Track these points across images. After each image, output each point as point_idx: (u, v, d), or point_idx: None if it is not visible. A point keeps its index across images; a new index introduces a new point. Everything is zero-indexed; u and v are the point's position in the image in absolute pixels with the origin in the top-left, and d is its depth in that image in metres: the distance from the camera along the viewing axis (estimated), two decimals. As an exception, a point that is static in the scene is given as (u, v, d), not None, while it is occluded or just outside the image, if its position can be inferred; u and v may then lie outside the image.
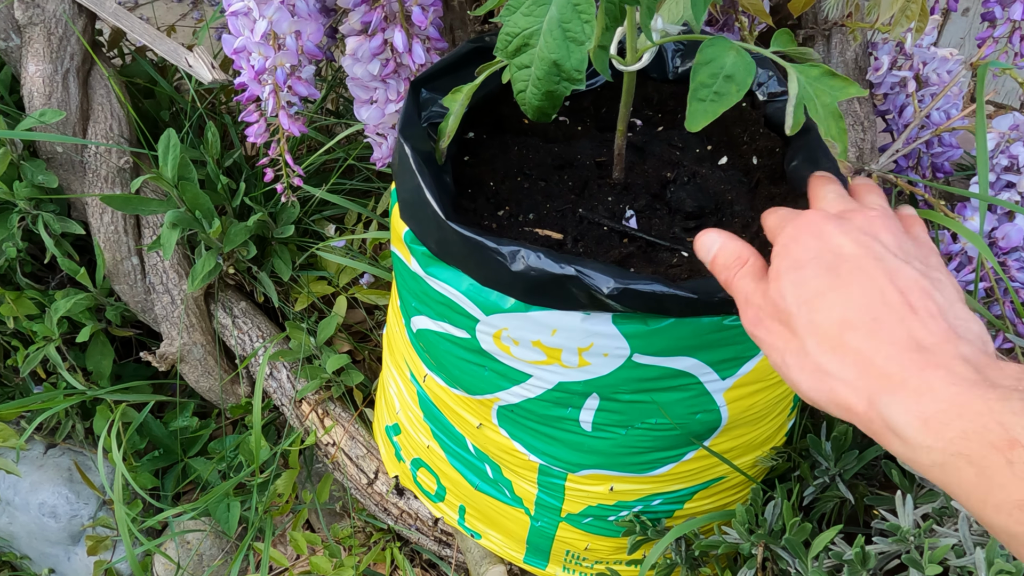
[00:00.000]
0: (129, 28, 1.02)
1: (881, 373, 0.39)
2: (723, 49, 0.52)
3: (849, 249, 0.44)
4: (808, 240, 0.45)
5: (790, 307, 0.44)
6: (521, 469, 0.75)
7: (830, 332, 0.42)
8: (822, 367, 0.42)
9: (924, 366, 0.39)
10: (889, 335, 0.40)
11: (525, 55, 0.52)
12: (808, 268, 0.44)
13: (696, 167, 0.71)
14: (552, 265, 0.56)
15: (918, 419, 0.37)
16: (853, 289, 0.42)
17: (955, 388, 0.37)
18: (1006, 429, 0.35)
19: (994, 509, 0.35)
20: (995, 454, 0.35)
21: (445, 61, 0.69)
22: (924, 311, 0.41)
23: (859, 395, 0.40)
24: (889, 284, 0.42)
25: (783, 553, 0.68)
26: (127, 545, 0.96)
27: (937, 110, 0.95)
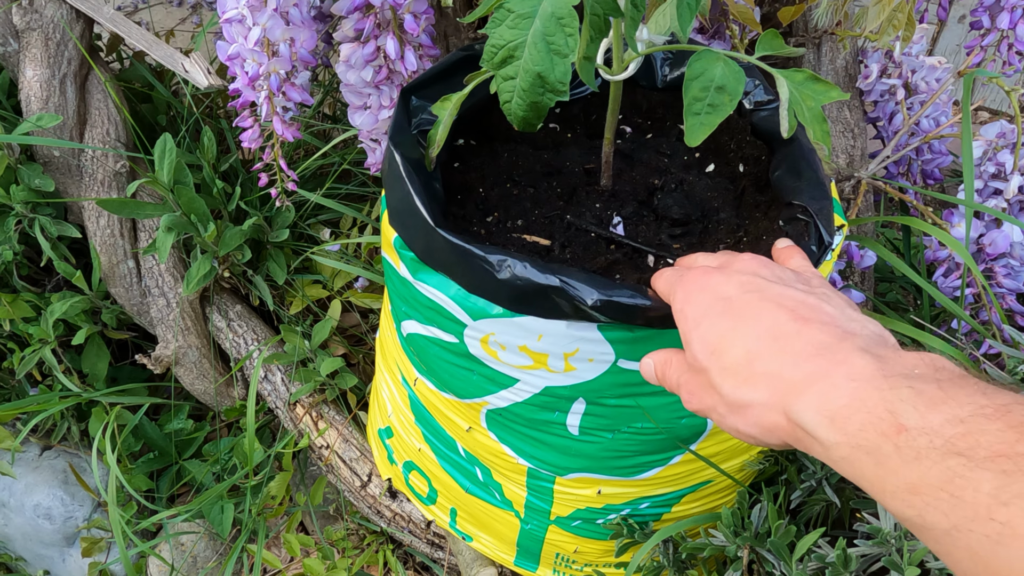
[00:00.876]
0: (126, 34, 1.03)
1: (790, 384, 0.41)
2: (711, 61, 0.53)
3: (734, 292, 0.47)
4: (698, 297, 0.48)
5: (703, 364, 0.46)
6: (510, 472, 0.76)
7: (740, 369, 0.44)
8: (743, 402, 0.43)
9: (827, 367, 0.40)
10: (790, 349, 0.42)
11: (510, 67, 0.53)
12: (705, 322, 0.47)
13: (683, 174, 0.72)
14: (537, 275, 0.56)
15: (826, 417, 0.39)
16: (748, 324, 0.45)
17: (855, 383, 0.38)
18: (895, 416, 0.36)
19: (890, 496, 0.35)
20: (886, 441, 0.36)
21: (435, 69, 0.70)
22: (816, 321, 0.44)
23: (777, 411, 0.41)
24: (778, 308, 0.45)
25: (768, 556, 0.69)
26: (121, 547, 0.96)
27: (926, 117, 0.96)
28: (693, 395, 0.48)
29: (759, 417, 0.42)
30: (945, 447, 0.34)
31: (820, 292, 0.47)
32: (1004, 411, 0.34)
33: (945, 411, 0.35)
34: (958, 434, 0.34)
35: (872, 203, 1.00)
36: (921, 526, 0.34)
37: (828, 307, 0.45)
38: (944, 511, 0.33)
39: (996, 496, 0.31)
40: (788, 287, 0.47)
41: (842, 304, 0.46)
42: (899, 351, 0.41)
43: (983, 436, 0.33)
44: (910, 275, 0.78)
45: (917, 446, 0.35)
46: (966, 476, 0.33)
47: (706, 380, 0.46)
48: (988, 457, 0.32)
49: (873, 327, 0.44)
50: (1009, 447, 0.32)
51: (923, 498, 0.34)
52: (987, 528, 0.31)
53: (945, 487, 0.33)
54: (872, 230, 1.01)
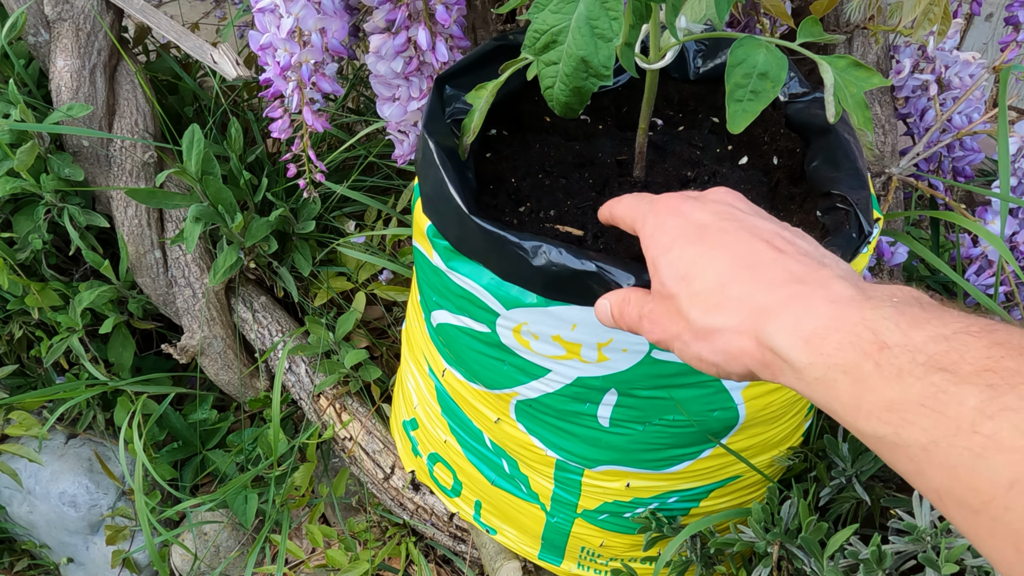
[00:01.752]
0: (155, 24, 1.03)
1: (763, 308, 0.40)
2: (753, 48, 0.52)
3: (709, 219, 0.46)
4: (670, 221, 0.47)
5: (671, 289, 0.44)
6: (538, 464, 0.76)
7: (711, 294, 0.42)
8: (710, 327, 0.42)
9: (803, 291, 0.39)
10: (765, 275, 0.41)
11: (553, 52, 0.53)
12: (676, 247, 0.45)
13: (716, 166, 0.71)
14: (573, 261, 0.56)
15: (800, 339, 0.38)
16: (722, 250, 0.43)
17: (833, 305, 0.38)
18: (876, 334, 0.35)
19: (865, 416, 0.35)
20: (865, 359, 0.35)
21: (469, 59, 0.70)
22: (793, 251, 0.43)
23: (747, 335, 0.40)
24: (753, 237, 0.44)
25: (799, 552, 0.68)
26: (147, 535, 0.97)
27: (959, 114, 0.95)
28: (656, 324, 0.46)
29: (726, 343, 0.41)
30: (928, 363, 0.33)
31: (794, 230, 0.47)
32: (989, 329, 0.34)
33: (929, 329, 0.34)
34: (942, 351, 0.33)
35: (902, 200, 0.99)
36: (895, 444, 0.33)
37: (803, 242, 0.45)
38: (924, 426, 0.32)
39: (982, 410, 0.31)
40: (765, 219, 0.47)
41: (815, 243, 0.46)
42: (874, 284, 0.41)
43: (968, 352, 0.33)
44: (945, 270, 0.78)
45: (899, 363, 0.34)
46: (950, 391, 0.32)
47: (673, 307, 0.44)
48: (974, 372, 0.32)
49: (846, 266, 0.44)
50: (995, 362, 0.32)
51: (902, 415, 0.33)
52: (970, 441, 0.31)
53: (927, 402, 0.32)
54: (901, 227, 1.00)
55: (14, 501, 1.18)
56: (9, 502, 1.18)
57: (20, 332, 1.11)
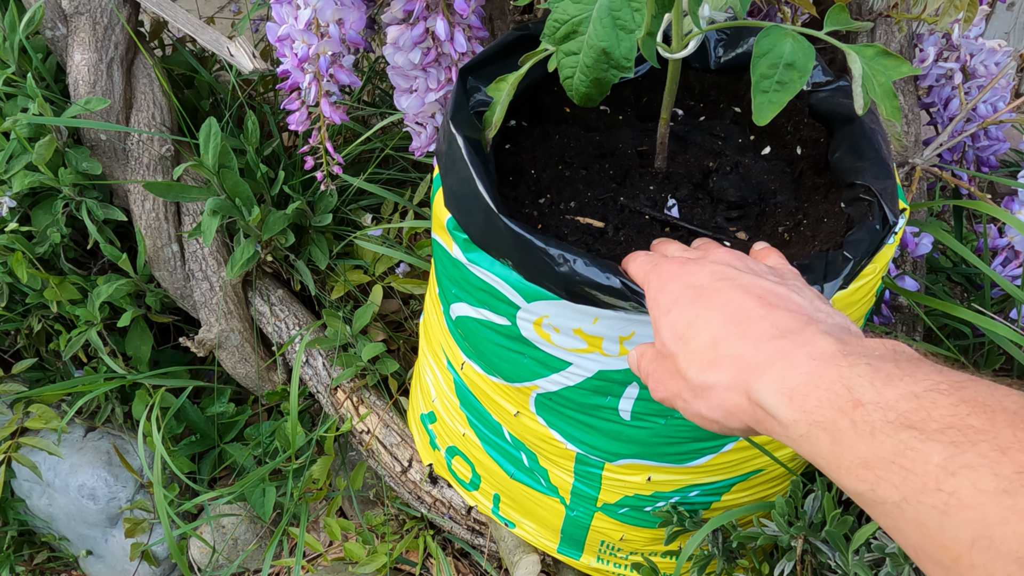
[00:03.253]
0: (172, 18, 1.03)
1: (752, 364, 0.41)
2: (780, 37, 0.51)
3: (706, 280, 0.47)
4: (671, 285, 0.49)
5: (671, 350, 0.46)
6: (558, 458, 0.75)
7: (705, 353, 0.44)
8: (706, 385, 0.43)
9: (789, 348, 0.41)
10: (755, 332, 0.43)
11: (573, 42, 0.52)
12: (675, 308, 0.47)
13: (739, 157, 0.70)
14: (598, 275, 0.55)
15: (784, 395, 0.39)
16: (715, 311, 0.45)
17: (814, 362, 0.39)
18: (851, 392, 0.36)
19: (845, 472, 0.35)
20: (842, 417, 0.36)
21: (491, 49, 0.69)
22: (784, 307, 0.44)
23: (739, 392, 0.41)
24: (747, 295, 0.45)
25: (823, 546, 0.68)
26: (165, 527, 0.97)
27: (984, 103, 0.93)
28: (660, 383, 0.48)
29: (722, 399, 0.43)
30: (899, 420, 0.34)
31: (792, 284, 0.48)
32: (958, 387, 0.34)
33: (901, 387, 0.35)
34: (912, 408, 0.34)
35: (925, 191, 0.97)
36: (873, 501, 0.34)
37: (797, 297, 0.46)
38: (895, 483, 0.33)
39: (944, 467, 0.32)
40: (759, 277, 0.47)
41: (812, 296, 0.47)
42: (862, 337, 0.42)
43: (935, 410, 0.34)
44: (971, 259, 0.76)
45: (872, 420, 0.35)
46: (917, 448, 0.33)
47: (673, 366, 0.46)
48: (939, 429, 0.33)
49: (840, 318, 0.45)
50: (960, 420, 0.33)
51: (875, 472, 0.34)
52: (934, 499, 0.31)
53: (896, 459, 0.33)
54: (925, 218, 0.98)
55: (34, 494, 1.18)
56: (29, 495, 1.19)
57: (39, 326, 1.12)
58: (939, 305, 0.74)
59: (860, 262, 0.57)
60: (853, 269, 0.56)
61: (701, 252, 0.53)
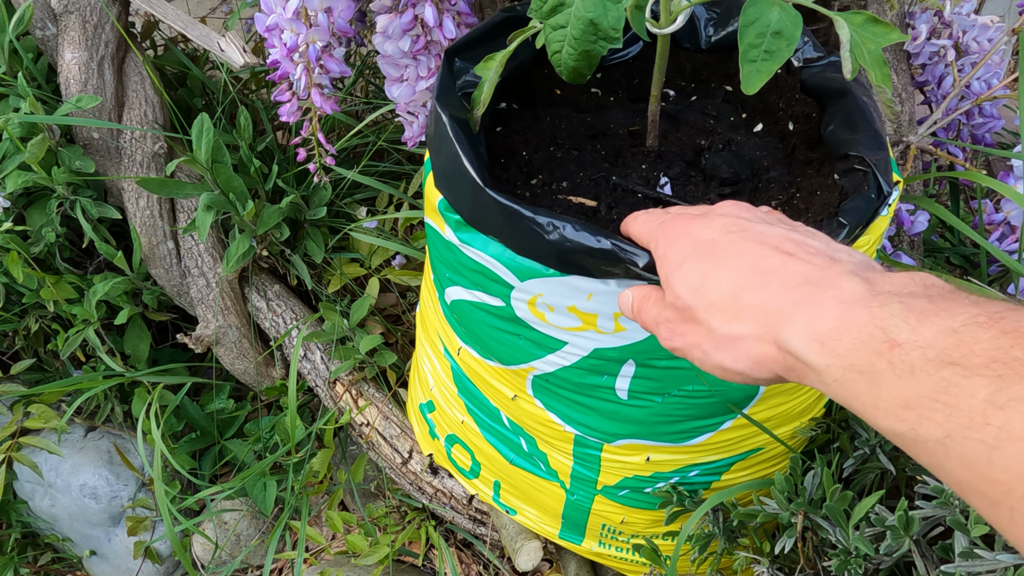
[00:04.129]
0: (162, 14, 1.03)
1: (778, 313, 0.41)
2: (767, 6, 0.51)
3: (716, 234, 0.47)
4: (681, 242, 0.48)
5: (687, 302, 0.45)
6: (556, 441, 0.75)
7: (727, 304, 0.43)
8: (731, 336, 0.43)
9: (815, 293, 0.40)
10: (777, 280, 0.42)
11: (561, 15, 0.52)
12: (687, 262, 0.46)
13: (731, 134, 0.70)
14: (589, 238, 0.55)
15: (816, 341, 0.38)
16: (732, 261, 0.45)
17: (843, 305, 0.38)
18: (886, 332, 0.36)
19: (883, 414, 0.35)
20: (879, 359, 0.35)
21: (477, 31, 0.69)
22: (802, 252, 0.43)
23: (767, 342, 0.41)
24: (762, 245, 0.45)
25: (823, 522, 0.67)
26: (167, 524, 0.97)
27: (977, 79, 0.93)
28: (675, 332, 0.47)
29: (748, 350, 0.42)
30: (939, 358, 0.34)
31: (803, 230, 0.47)
32: (997, 318, 0.34)
33: (937, 323, 0.35)
34: (951, 344, 0.34)
35: (921, 169, 0.97)
36: (914, 440, 0.34)
37: (813, 241, 0.45)
38: (938, 421, 0.33)
39: (992, 401, 0.31)
40: (771, 225, 0.47)
41: (826, 239, 0.46)
42: (888, 273, 0.41)
43: (977, 344, 0.33)
44: (969, 233, 0.76)
45: (911, 360, 0.34)
46: (961, 384, 0.32)
47: (690, 317, 0.45)
48: (983, 364, 0.32)
49: (860, 256, 0.44)
50: (1004, 352, 0.32)
51: (917, 411, 0.34)
52: (983, 434, 0.31)
53: (939, 397, 0.33)
54: (922, 196, 0.98)
55: (36, 495, 1.18)
56: (31, 496, 1.19)
57: (36, 326, 1.12)
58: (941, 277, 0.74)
59: (855, 230, 0.56)
60: (848, 236, 0.56)
61: (706, 207, 0.52)
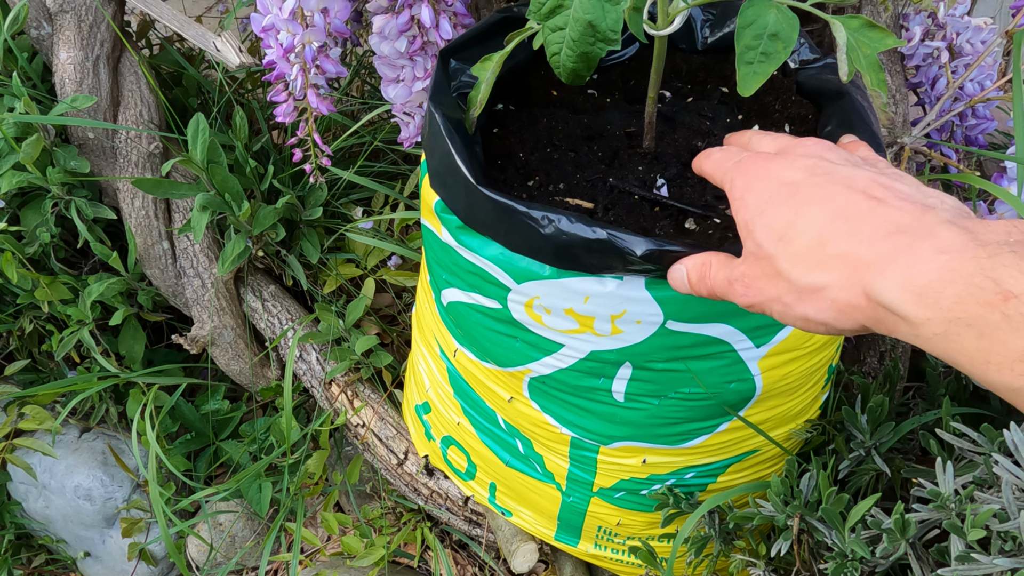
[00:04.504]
0: (157, 14, 1.03)
1: (869, 263, 0.39)
2: (763, 8, 0.51)
3: (800, 176, 0.44)
4: (759, 184, 0.46)
5: (768, 251, 0.44)
6: (552, 443, 0.75)
7: (812, 253, 0.42)
8: (815, 286, 0.41)
9: (909, 242, 0.38)
10: (867, 229, 0.40)
11: (559, 17, 0.52)
12: (769, 208, 0.44)
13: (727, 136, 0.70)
14: (584, 229, 0.55)
15: (913, 294, 0.37)
16: (817, 207, 0.42)
17: (944, 256, 0.36)
18: (998, 284, 0.34)
19: (996, 368, 0.34)
20: (990, 311, 0.34)
21: (473, 31, 0.69)
22: (892, 198, 0.41)
23: (856, 291, 0.39)
24: (848, 190, 0.42)
25: (819, 525, 0.68)
26: (162, 526, 0.97)
27: (971, 81, 0.93)
28: (751, 287, 0.45)
29: (834, 300, 0.40)
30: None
31: (890, 172, 0.45)
32: None
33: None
34: None
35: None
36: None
37: (902, 185, 0.43)
38: None
39: None
40: (857, 168, 0.45)
41: (914, 182, 0.44)
42: (986, 221, 0.39)
43: None
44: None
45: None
46: None
47: (770, 268, 0.44)
48: None
49: (952, 201, 0.42)
50: None
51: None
52: None
53: None
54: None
55: (30, 496, 1.18)
56: (25, 497, 1.18)
57: (31, 327, 1.11)
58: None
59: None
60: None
61: (785, 142, 0.50)
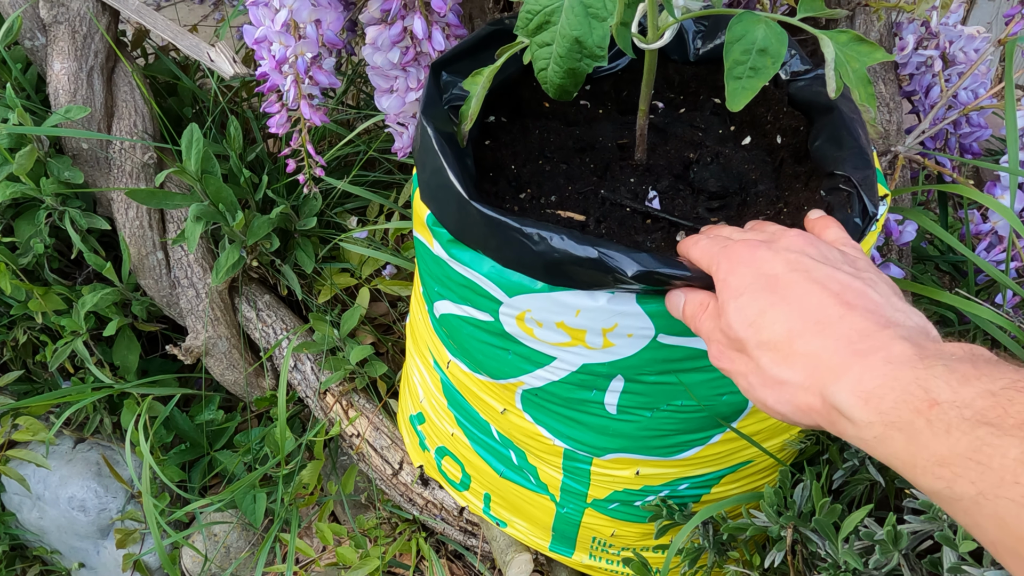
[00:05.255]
0: (152, 25, 1.03)
1: (829, 367, 0.41)
2: (752, 23, 0.51)
3: (780, 268, 0.47)
4: (743, 270, 0.48)
5: (739, 333, 0.46)
6: (546, 454, 0.75)
7: (780, 345, 0.44)
8: (779, 378, 0.44)
9: (866, 352, 0.41)
10: (833, 333, 0.43)
11: (546, 33, 0.52)
12: (747, 294, 0.47)
13: (719, 147, 0.70)
14: (575, 247, 0.55)
15: (860, 398, 0.39)
16: (792, 302, 0.45)
17: (891, 365, 0.39)
18: (927, 392, 0.37)
19: (921, 471, 0.36)
20: (918, 417, 0.36)
21: (464, 44, 0.69)
22: (861, 307, 0.44)
23: (813, 393, 0.42)
24: (823, 290, 0.45)
25: (813, 535, 0.67)
26: (156, 537, 0.96)
27: (964, 89, 0.93)
28: (723, 354, 0.48)
29: (793, 396, 0.43)
30: (975, 418, 0.34)
31: (866, 277, 0.47)
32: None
33: (977, 386, 0.36)
34: (988, 406, 0.35)
35: (909, 179, 0.98)
36: (950, 498, 0.35)
37: (874, 294, 0.45)
38: (972, 479, 0.33)
39: (1022, 460, 0.32)
40: (835, 269, 0.47)
41: (888, 292, 0.47)
42: (939, 341, 0.42)
43: (1012, 406, 0.34)
44: (955, 244, 0.76)
45: (948, 419, 0.35)
46: (993, 444, 0.33)
47: (741, 347, 0.46)
48: (1016, 425, 0.33)
49: (917, 319, 0.45)
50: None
51: (952, 469, 0.34)
52: (1013, 492, 0.32)
53: (973, 456, 0.34)
54: (908, 206, 0.98)
55: (24, 507, 1.17)
56: (19, 508, 1.18)
57: (24, 337, 1.11)
58: (923, 291, 0.74)
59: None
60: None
61: (769, 235, 0.52)
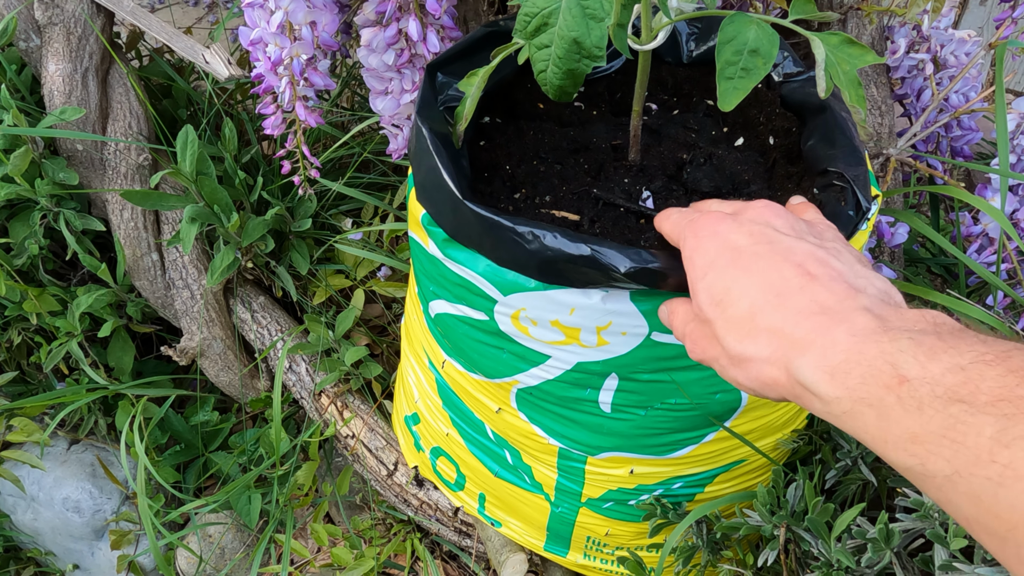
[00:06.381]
0: (147, 27, 1.03)
1: (791, 340, 0.41)
2: (744, 24, 0.52)
3: (744, 241, 0.46)
4: (707, 244, 0.48)
5: (707, 315, 0.46)
6: (540, 454, 0.75)
7: (743, 322, 0.44)
8: (744, 355, 0.43)
9: (829, 325, 0.40)
10: (794, 305, 0.42)
11: (544, 35, 0.52)
12: (711, 272, 0.46)
13: (712, 148, 0.71)
14: (568, 245, 0.56)
15: (825, 373, 0.39)
16: (754, 275, 0.44)
17: (855, 338, 0.39)
18: (895, 368, 0.36)
19: (892, 447, 0.36)
20: (887, 393, 0.36)
21: (460, 45, 0.70)
22: (824, 276, 0.43)
23: (778, 367, 0.42)
24: (785, 262, 0.44)
25: (806, 535, 0.68)
26: (151, 538, 0.96)
27: (956, 92, 0.94)
28: (697, 344, 0.48)
29: (759, 372, 0.43)
30: (947, 395, 0.34)
31: (831, 247, 0.47)
32: (1004, 357, 0.34)
33: (945, 360, 0.35)
34: (959, 382, 0.34)
35: (901, 182, 0.98)
36: (923, 475, 0.35)
37: (837, 262, 0.45)
38: (946, 457, 0.33)
39: (997, 439, 0.32)
40: (800, 239, 0.47)
41: (852, 260, 0.46)
42: (902, 309, 0.41)
43: (983, 382, 0.34)
44: (946, 247, 0.77)
45: (919, 396, 0.35)
46: (967, 422, 0.33)
47: (710, 331, 0.46)
48: (989, 402, 0.33)
49: (880, 284, 0.44)
50: (1009, 391, 0.33)
51: (925, 446, 0.34)
52: (989, 471, 0.32)
53: (947, 434, 0.33)
54: (902, 208, 0.99)
55: (18, 508, 1.17)
56: (13, 510, 1.18)
57: (19, 338, 1.11)
58: (915, 291, 0.75)
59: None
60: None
61: (739, 206, 0.52)
